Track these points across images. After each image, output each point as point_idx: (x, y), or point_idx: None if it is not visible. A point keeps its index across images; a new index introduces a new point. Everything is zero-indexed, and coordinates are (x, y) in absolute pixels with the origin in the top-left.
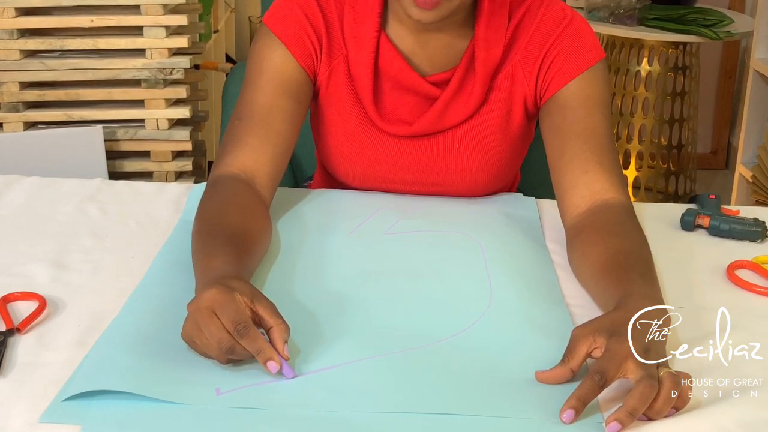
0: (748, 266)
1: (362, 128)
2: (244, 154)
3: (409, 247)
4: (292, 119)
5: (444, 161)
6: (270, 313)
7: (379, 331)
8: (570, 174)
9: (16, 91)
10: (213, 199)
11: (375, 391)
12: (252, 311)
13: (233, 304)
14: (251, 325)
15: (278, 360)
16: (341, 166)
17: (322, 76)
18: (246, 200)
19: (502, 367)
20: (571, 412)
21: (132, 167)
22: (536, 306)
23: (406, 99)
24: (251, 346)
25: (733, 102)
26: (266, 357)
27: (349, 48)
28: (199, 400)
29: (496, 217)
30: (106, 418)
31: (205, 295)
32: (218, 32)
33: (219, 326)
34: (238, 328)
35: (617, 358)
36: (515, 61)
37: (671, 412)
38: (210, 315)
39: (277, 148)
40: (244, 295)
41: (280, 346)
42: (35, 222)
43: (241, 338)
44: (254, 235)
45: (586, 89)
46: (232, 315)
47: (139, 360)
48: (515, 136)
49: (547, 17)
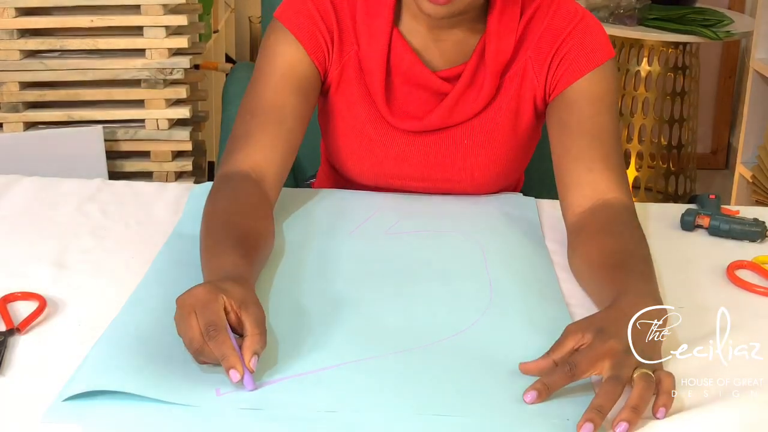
0: (748, 266)
1: (372, 124)
2: (256, 152)
3: (409, 247)
4: (302, 118)
5: (452, 157)
6: (252, 323)
7: (380, 331)
8: (574, 172)
9: (16, 91)
10: (224, 197)
11: (375, 391)
12: (237, 317)
13: (213, 306)
14: (222, 330)
15: (241, 370)
16: (349, 162)
17: (333, 72)
18: (255, 201)
19: (502, 367)
20: (533, 393)
21: (132, 167)
22: (536, 306)
23: (416, 94)
24: (217, 350)
25: (733, 102)
26: (229, 364)
27: (360, 43)
28: (199, 400)
29: (496, 217)
30: (106, 418)
31: (191, 292)
32: (218, 32)
33: (194, 325)
34: (209, 330)
35: (593, 355)
36: (526, 57)
37: (661, 412)
38: (189, 313)
39: (288, 147)
40: (232, 299)
41: (247, 357)
42: (35, 222)
43: (209, 340)
44: (263, 237)
45: (594, 87)
46: (208, 316)
47: (139, 360)
48: (524, 134)
49: (559, 14)
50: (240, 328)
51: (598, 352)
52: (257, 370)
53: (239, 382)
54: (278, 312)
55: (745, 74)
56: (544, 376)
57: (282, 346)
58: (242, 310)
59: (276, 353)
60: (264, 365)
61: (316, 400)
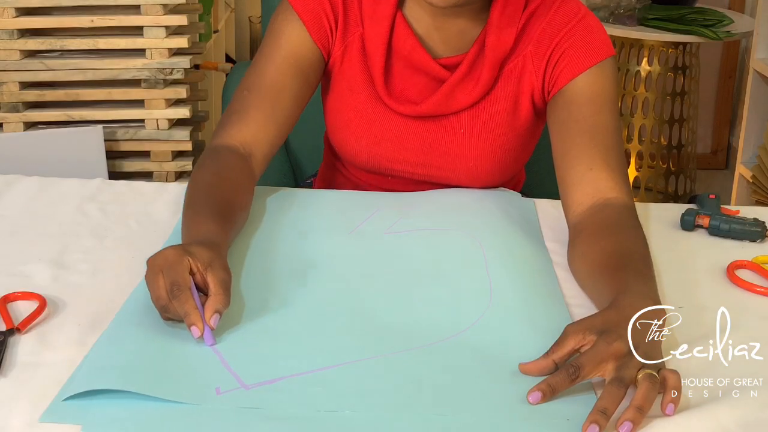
0: (748, 266)
1: (371, 105)
2: (247, 128)
3: (408, 246)
4: (299, 99)
5: (448, 144)
6: (216, 283)
7: (379, 331)
8: (575, 170)
9: (16, 91)
10: (209, 171)
11: (375, 391)
12: (202, 277)
13: (178, 267)
14: (185, 289)
15: (201, 327)
16: (348, 143)
17: (337, 53)
18: (239, 175)
19: (502, 367)
20: (537, 394)
21: (132, 167)
22: (536, 306)
23: (416, 79)
24: (180, 308)
25: (733, 102)
26: (190, 321)
27: (365, 26)
28: (199, 399)
29: (497, 215)
30: (106, 418)
31: (161, 254)
32: (218, 32)
33: (160, 284)
34: (173, 289)
35: (597, 357)
36: (526, 51)
37: (669, 408)
38: (157, 273)
39: (280, 128)
40: (198, 261)
41: (208, 315)
42: (35, 222)
43: (173, 299)
44: (239, 209)
45: (593, 85)
46: (172, 276)
47: (139, 359)
48: (521, 129)
49: (561, 12)
50: (206, 287)
51: (603, 354)
52: (257, 371)
53: (200, 338)
54: (278, 312)
55: (745, 74)
56: (548, 377)
57: (282, 346)
58: (208, 272)
59: (275, 352)
60: (263, 363)
61: (316, 400)
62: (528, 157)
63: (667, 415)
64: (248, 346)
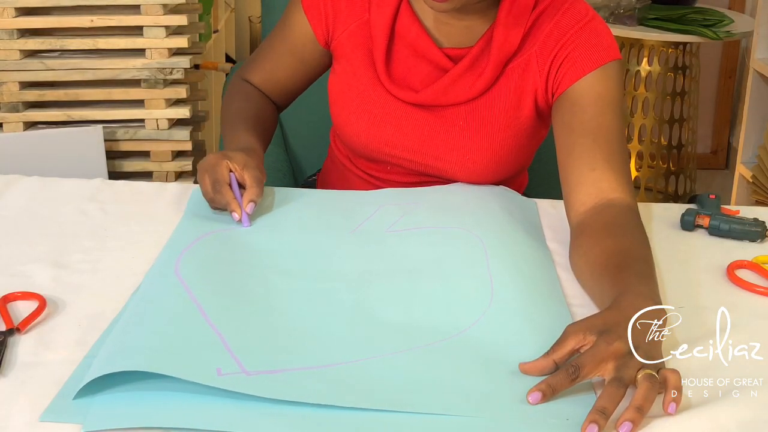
0: (748, 266)
1: (371, 87)
2: (259, 74)
3: (410, 245)
4: (295, 73)
5: (446, 136)
6: (251, 179)
7: (381, 330)
8: (577, 171)
9: (16, 91)
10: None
11: (375, 391)
12: (241, 175)
13: (218, 168)
14: (224, 184)
15: (239, 212)
16: (348, 123)
17: (341, 38)
18: (263, 99)
19: (502, 367)
20: (537, 394)
21: (132, 167)
22: (538, 305)
23: (419, 67)
24: (221, 199)
25: (733, 102)
26: (231, 209)
27: (372, 12)
28: (200, 377)
29: (499, 214)
30: (106, 417)
31: (206, 159)
32: (218, 32)
33: (206, 182)
34: (215, 185)
35: (597, 357)
36: (531, 51)
37: (671, 407)
38: (203, 173)
39: (281, 85)
40: (235, 163)
41: (245, 202)
42: (35, 222)
43: (215, 193)
44: (269, 120)
45: (597, 87)
46: (213, 175)
47: (145, 341)
48: (522, 129)
49: (568, 14)
50: (244, 183)
51: (603, 354)
52: (261, 358)
53: (239, 222)
54: (279, 311)
55: (745, 74)
56: (548, 377)
57: (284, 343)
58: (244, 171)
59: (277, 346)
60: (265, 355)
61: (315, 394)
62: (528, 159)
63: (669, 413)
64: (251, 339)
